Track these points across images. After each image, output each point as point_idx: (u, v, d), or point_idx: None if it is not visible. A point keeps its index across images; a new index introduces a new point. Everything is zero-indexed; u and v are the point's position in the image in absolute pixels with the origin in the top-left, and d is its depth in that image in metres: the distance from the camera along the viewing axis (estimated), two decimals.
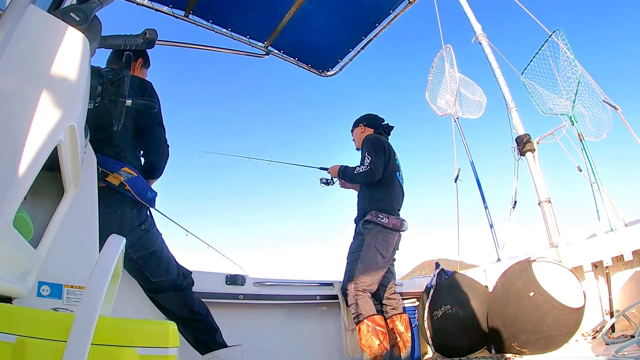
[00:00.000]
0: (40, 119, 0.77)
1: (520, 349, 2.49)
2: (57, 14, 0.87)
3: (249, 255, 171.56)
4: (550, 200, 3.69)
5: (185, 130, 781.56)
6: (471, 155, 4.98)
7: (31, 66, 0.80)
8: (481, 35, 4.53)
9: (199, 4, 2.78)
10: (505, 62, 4.49)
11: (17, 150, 0.72)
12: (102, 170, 1.67)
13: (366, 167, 2.79)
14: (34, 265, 0.98)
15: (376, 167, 2.77)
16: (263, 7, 2.89)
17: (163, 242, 2.02)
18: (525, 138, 3.88)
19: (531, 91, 4.11)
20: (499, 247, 4.02)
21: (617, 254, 2.84)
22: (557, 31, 3.88)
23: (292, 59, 3.42)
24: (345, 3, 2.94)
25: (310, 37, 3.20)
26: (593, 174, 3.50)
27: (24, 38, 0.77)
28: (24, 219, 0.92)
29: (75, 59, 0.88)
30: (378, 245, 2.68)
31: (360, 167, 2.82)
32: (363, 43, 3.23)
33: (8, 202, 0.71)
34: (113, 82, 1.16)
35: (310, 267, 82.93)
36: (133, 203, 1.81)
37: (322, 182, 3.18)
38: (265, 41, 3.21)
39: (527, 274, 2.53)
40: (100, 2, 0.95)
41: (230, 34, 3.07)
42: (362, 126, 3.13)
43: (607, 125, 3.82)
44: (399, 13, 2.98)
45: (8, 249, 0.77)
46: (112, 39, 1.13)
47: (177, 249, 2.09)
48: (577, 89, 3.66)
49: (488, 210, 4.61)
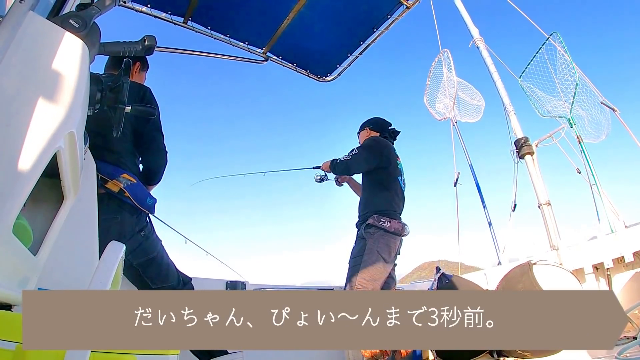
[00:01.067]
0: (40, 125, 0.77)
1: (522, 352, 2.48)
2: (57, 21, 0.87)
3: (248, 260, 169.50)
4: (550, 203, 3.68)
5: (184, 130, 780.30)
6: (470, 159, 4.99)
7: (30, 72, 0.80)
8: (479, 39, 4.56)
9: (198, 11, 2.79)
10: (503, 65, 4.51)
11: (17, 157, 0.72)
12: (102, 177, 1.67)
13: (347, 157, 2.83)
14: (33, 272, 0.97)
15: (356, 161, 2.81)
16: (261, 13, 2.91)
17: (163, 248, 2.01)
18: (524, 141, 3.89)
19: (529, 94, 4.12)
20: (499, 250, 4.02)
21: (617, 256, 2.84)
22: (555, 34, 3.90)
23: (291, 65, 3.43)
24: (343, 9, 2.95)
25: (309, 42, 3.21)
26: (592, 175, 3.51)
27: (23, 44, 0.77)
28: (23, 226, 0.92)
29: (74, 66, 0.88)
30: (380, 250, 2.67)
31: (344, 156, 2.87)
32: (361, 48, 3.24)
33: (8, 209, 0.71)
34: (112, 88, 1.17)
35: (311, 271, 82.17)
36: (132, 209, 1.80)
37: (317, 179, 3.19)
38: (264, 47, 3.22)
39: (528, 277, 2.52)
40: (100, 8, 0.96)
41: (229, 40, 3.08)
42: (368, 130, 3.14)
43: (605, 127, 3.84)
44: (397, 18, 2.99)
45: (8, 255, 0.77)
46: (111, 45, 1.13)
47: (179, 255, 2.09)
48: (575, 91, 3.68)
49: (488, 214, 4.61)
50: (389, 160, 2.87)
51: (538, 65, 4.03)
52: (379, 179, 2.85)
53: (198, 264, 2.90)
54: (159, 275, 1.93)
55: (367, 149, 2.85)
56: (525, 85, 4.14)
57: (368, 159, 2.82)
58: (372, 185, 2.88)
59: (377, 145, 2.89)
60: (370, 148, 2.86)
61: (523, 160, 3.88)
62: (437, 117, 5.51)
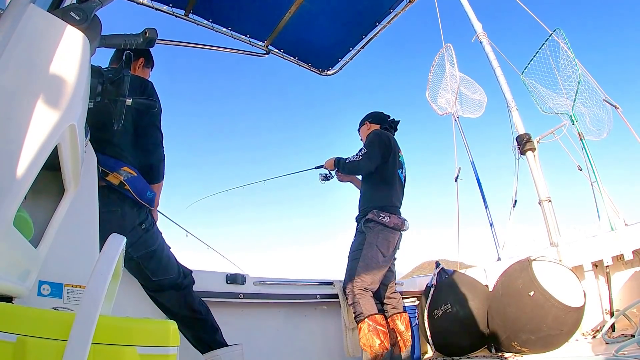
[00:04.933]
0: (41, 118, 0.77)
1: (520, 348, 2.49)
2: (57, 13, 0.87)
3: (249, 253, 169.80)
4: (550, 200, 3.69)
5: (186, 127, 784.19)
6: (471, 155, 4.99)
7: (31, 65, 0.80)
8: (482, 34, 4.53)
9: (199, 3, 2.77)
10: (506, 61, 4.49)
11: (17, 150, 0.72)
12: (102, 170, 1.66)
13: (359, 156, 2.83)
14: (34, 264, 0.98)
15: (369, 159, 2.80)
16: (263, 6, 2.89)
17: (163, 241, 2.02)
18: (526, 137, 3.88)
19: (531, 90, 4.11)
20: (499, 246, 4.03)
21: (617, 254, 2.84)
22: (558, 30, 3.88)
23: (293, 58, 3.42)
24: (345, 2, 2.93)
25: (311, 36, 3.20)
26: (593, 173, 3.51)
27: (24, 37, 0.77)
28: (24, 218, 0.92)
29: (75, 58, 0.88)
30: (379, 244, 2.68)
31: (353, 157, 2.86)
32: (363, 42, 3.23)
33: (8, 202, 0.71)
34: (113, 81, 1.16)
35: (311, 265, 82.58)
36: (133, 202, 1.81)
37: (322, 179, 3.18)
38: (265, 40, 3.21)
39: (527, 273, 2.53)
40: (101, 1, 0.95)
41: (231, 33, 3.06)
42: (367, 123, 3.15)
43: (607, 124, 3.82)
44: (399, 12, 2.97)
45: (8, 248, 0.77)
46: (112, 38, 1.13)
47: (180, 249, 2.09)
48: (578, 88, 3.66)
49: (488, 210, 4.61)
50: (390, 150, 2.86)
51: (541, 61, 4.01)
52: (379, 173, 2.85)
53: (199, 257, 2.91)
54: (159, 267, 1.94)
55: (372, 146, 2.85)
56: (528, 81, 4.12)
57: (376, 156, 2.82)
58: (372, 179, 2.88)
59: (379, 138, 2.89)
60: (373, 143, 2.86)
61: (524, 157, 3.88)
62: (439, 112, 5.50)
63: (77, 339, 0.62)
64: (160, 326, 0.79)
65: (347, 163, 2.87)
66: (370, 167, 2.82)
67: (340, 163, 2.93)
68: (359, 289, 2.57)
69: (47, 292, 1.11)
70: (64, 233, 1.12)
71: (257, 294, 2.68)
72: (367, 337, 2.46)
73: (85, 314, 0.64)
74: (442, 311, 2.82)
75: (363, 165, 2.83)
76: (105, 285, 0.68)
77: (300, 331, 2.90)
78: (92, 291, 0.67)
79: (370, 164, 2.82)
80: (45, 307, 1.01)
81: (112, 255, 0.75)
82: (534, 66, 4.08)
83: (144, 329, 0.76)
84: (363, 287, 2.58)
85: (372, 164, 2.82)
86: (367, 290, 2.59)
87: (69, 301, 1.14)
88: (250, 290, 2.65)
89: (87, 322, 0.63)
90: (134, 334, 0.73)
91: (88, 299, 0.66)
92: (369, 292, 2.60)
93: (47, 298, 1.10)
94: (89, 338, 0.62)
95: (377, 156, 2.82)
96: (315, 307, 3.00)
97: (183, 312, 2.00)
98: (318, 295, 2.93)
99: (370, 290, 2.61)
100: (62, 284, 1.14)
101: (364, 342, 2.47)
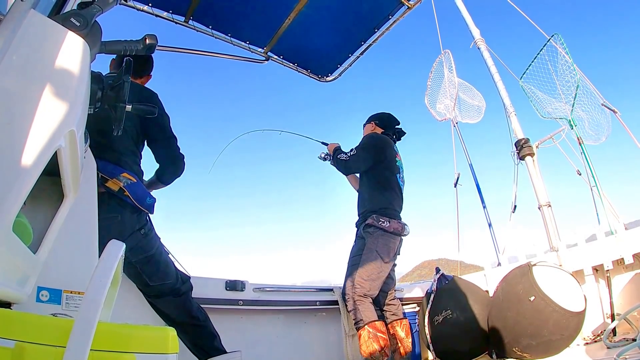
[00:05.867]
0: (40, 123, 0.77)
1: (521, 353, 2.47)
2: (58, 19, 0.87)
3: (249, 258, 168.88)
4: (550, 204, 3.68)
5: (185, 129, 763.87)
6: (470, 160, 4.99)
7: (31, 71, 0.80)
8: (480, 40, 4.55)
9: (199, 10, 2.79)
10: (504, 66, 4.50)
11: (17, 155, 0.72)
12: (102, 176, 1.66)
13: (347, 157, 2.84)
14: (33, 270, 0.97)
15: (356, 161, 2.82)
16: (262, 13, 2.91)
17: (162, 245, 2.02)
18: (525, 142, 3.88)
19: (530, 95, 4.12)
20: (499, 251, 4.02)
21: (617, 257, 2.84)
22: (556, 35, 3.90)
23: (292, 65, 3.43)
24: (344, 9, 2.95)
25: (310, 42, 3.22)
26: (593, 177, 3.51)
27: (24, 43, 0.77)
28: (23, 224, 0.92)
29: (75, 64, 0.88)
30: (379, 250, 2.67)
31: (343, 155, 2.87)
32: (362, 48, 3.25)
33: (8, 207, 0.71)
34: (113, 87, 1.17)
35: (311, 271, 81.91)
36: (133, 208, 1.81)
37: (320, 157, 3.17)
38: (264, 47, 3.23)
39: (527, 278, 2.52)
40: (101, 7, 0.96)
41: (230, 39, 3.08)
42: (373, 124, 3.14)
43: (606, 128, 3.83)
44: (398, 18, 3.00)
45: (7, 253, 0.77)
46: (113, 44, 1.13)
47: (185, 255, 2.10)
48: (576, 92, 3.67)
49: (488, 215, 4.61)
50: (385, 154, 2.86)
51: (539, 66, 4.02)
52: (377, 177, 2.85)
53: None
54: (157, 272, 1.94)
55: (363, 148, 2.86)
56: (526, 87, 4.14)
57: (366, 159, 2.83)
58: (370, 183, 2.88)
59: (372, 141, 2.90)
60: (365, 147, 2.87)
61: (523, 162, 3.88)
62: (438, 117, 5.51)
63: (76, 346, 0.61)
64: (159, 333, 0.78)
65: (340, 160, 2.88)
66: (355, 169, 2.85)
67: (335, 154, 2.94)
68: (358, 295, 2.56)
69: (46, 298, 1.10)
70: (63, 239, 1.12)
71: (257, 300, 2.67)
72: (367, 344, 2.45)
73: (84, 320, 0.63)
74: (442, 317, 2.80)
75: (350, 165, 2.85)
76: (104, 291, 0.68)
77: (300, 338, 2.88)
78: (91, 297, 0.66)
79: (357, 166, 2.83)
80: (43, 313, 1.00)
81: (111, 262, 0.74)
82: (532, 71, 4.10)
83: (143, 335, 0.75)
84: (362, 294, 2.56)
85: (358, 167, 2.84)
86: (367, 297, 2.58)
87: (68, 307, 1.13)
88: (249, 297, 2.64)
89: (85, 328, 0.63)
90: (133, 340, 0.73)
91: (87, 306, 0.65)
92: (368, 299, 2.58)
93: (45, 304, 1.10)
94: (88, 344, 0.62)
95: (366, 160, 2.82)
96: (315, 314, 2.99)
97: (182, 318, 2.00)
98: (318, 301, 2.92)
99: (370, 296, 2.60)
100: (61, 290, 1.14)
101: (364, 349, 2.45)
